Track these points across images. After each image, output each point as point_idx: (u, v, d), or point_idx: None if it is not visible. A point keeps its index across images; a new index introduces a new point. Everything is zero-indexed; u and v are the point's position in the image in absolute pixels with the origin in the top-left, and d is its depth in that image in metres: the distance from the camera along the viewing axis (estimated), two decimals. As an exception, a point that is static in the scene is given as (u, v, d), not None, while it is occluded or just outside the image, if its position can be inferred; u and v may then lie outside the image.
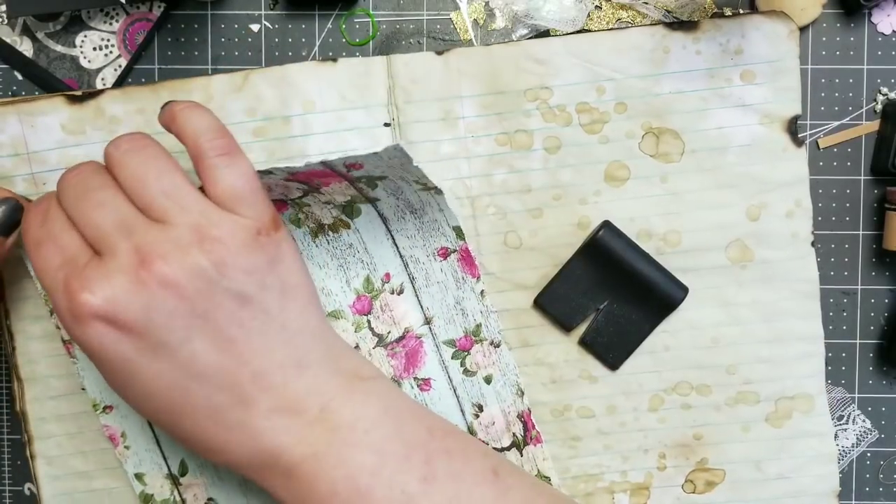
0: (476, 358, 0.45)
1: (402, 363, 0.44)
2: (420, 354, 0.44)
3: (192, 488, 0.44)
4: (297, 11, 0.47)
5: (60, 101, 0.44)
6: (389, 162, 0.39)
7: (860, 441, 0.47)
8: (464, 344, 0.45)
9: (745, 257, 0.45)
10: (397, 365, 0.44)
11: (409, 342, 0.44)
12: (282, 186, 0.41)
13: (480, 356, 0.45)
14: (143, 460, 0.44)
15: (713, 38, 0.45)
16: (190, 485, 0.44)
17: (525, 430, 0.45)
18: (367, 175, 0.40)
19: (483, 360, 0.45)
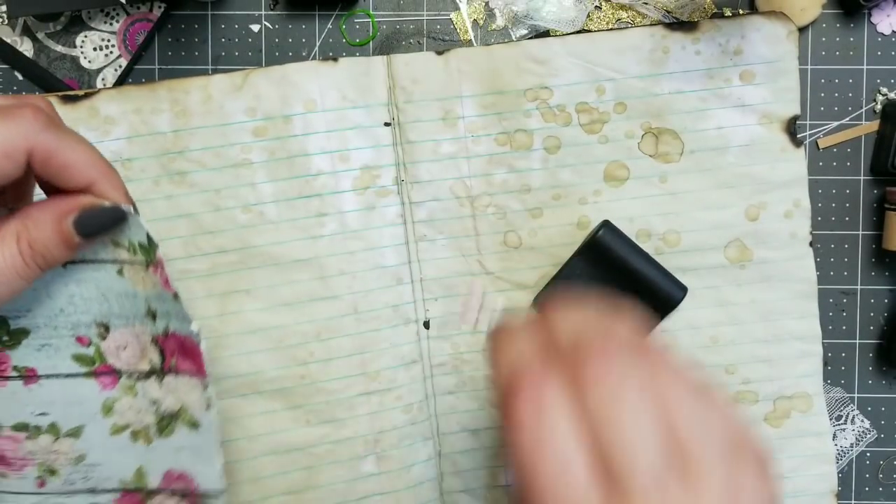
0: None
1: None
2: None
3: None
4: (297, 11, 0.47)
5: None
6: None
7: (859, 441, 0.47)
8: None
9: (743, 257, 0.45)
10: None
11: None
12: (140, 346, 0.35)
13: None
14: None
15: (713, 39, 0.45)
16: None
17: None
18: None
19: None
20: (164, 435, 0.35)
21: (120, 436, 0.36)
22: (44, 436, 0.35)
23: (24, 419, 0.35)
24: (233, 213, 0.44)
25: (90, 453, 0.36)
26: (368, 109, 0.44)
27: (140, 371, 0.35)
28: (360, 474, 0.45)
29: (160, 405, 0.35)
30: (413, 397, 0.45)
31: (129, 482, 0.36)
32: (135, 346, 0.35)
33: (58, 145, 0.29)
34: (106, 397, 0.35)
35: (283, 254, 0.44)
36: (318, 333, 0.44)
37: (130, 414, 0.36)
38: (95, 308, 0.34)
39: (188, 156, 0.44)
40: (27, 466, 0.36)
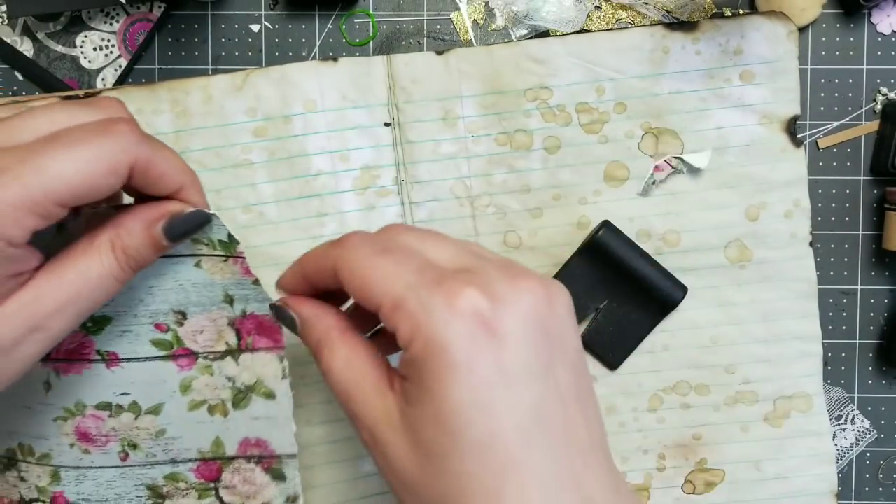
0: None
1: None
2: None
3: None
4: (297, 11, 0.47)
5: (55, 101, 0.44)
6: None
7: (859, 441, 0.47)
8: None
9: (743, 257, 0.45)
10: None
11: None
12: (216, 329, 0.38)
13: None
14: None
15: (713, 39, 0.45)
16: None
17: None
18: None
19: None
20: (240, 407, 0.38)
21: (197, 411, 0.38)
22: (125, 414, 0.38)
23: (107, 399, 0.38)
24: (233, 214, 0.44)
25: (169, 428, 0.38)
26: (368, 109, 0.45)
27: (216, 352, 0.38)
28: (361, 474, 0.45)
29: (236, 381, 0.38)
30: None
31: (208, 452, 0.39)
32: (211, 329, 0.38)
33: (154, 156, 0.31)
34: (183, 377, 0.38)
35: (284, 254, 0.44)
36: (318, 333, 0.44)
37: (207, 391, 0.38)
38: (173, 297, 0.37)
39: (189, 156, 0.44)
40: (110, 442, 0.38)
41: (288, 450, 0.39)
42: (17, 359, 0.30)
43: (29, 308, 0.30)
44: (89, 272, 0.31)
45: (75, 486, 0.39)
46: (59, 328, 0.31)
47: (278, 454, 0.39)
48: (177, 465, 0.39)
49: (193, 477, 0.39)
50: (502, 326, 0.28)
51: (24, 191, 0.28)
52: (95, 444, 0.38)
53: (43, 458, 0.39)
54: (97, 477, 0.39)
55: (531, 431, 0.27)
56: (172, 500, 0.39)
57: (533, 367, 0.28)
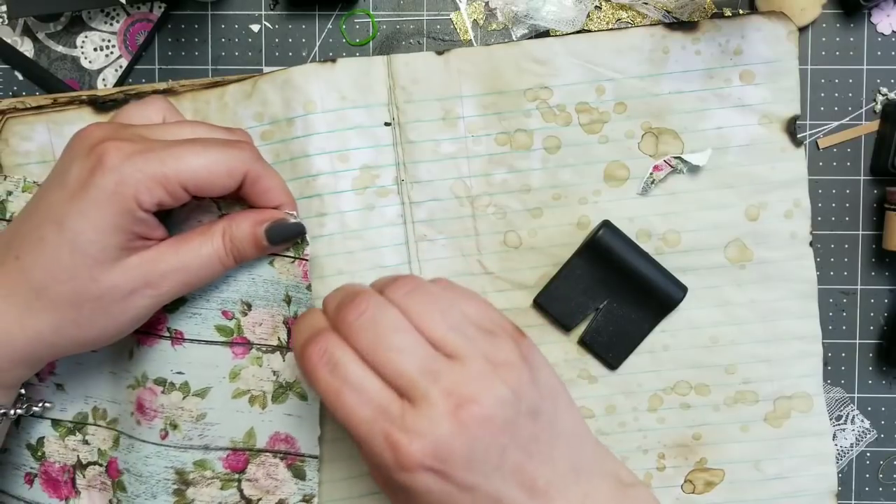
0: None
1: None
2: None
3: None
4: (297, 12, 0.47)
5: (87, 110, 0.44)
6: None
7: (859, 441, 0.47)
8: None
9: (743, 257, 0.45)
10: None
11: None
12: (273, 325, 0.41)
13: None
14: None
15: (713, 39, 0.45)
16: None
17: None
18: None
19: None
20: (278, 402, 0.42)
21: (240, 400, 0.41)
22: (175, 392, 0.41)
23: (164, 375, 0.41)
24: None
25: (210, 413, 0.41)
26: (368, 109, 0.45)
27: (269, 345, 0.41)
28: (360, 473, 0.45)
29: (280, 376, 0.41)
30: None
31: (240, 442, 0.42)
32: (269, 324, 0.41)
33: (264, 172, 0.38)
34: (235, 364, 0.41)
35: (284, 254, 0.44)
36: (318, 333, 0.45)
37: (253, 381, 0.41)
38: (244, 289, 0.41)
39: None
40: (156, 418, 0.41)
41: (312, 451, 0.42)
42: (131, 307, 0.37)
43: (148, 265, 0.37)
44: (201, 249, 0.38)
45: (126, 454, 0.42)
46: (167, 289, 0.37)
47: (303, 453, 0.42)
48: (208, 451, 0.41)
49: (221, 466, 0.41)
50: (447, 465, 0.32)
51: (160, 168, 0.35)
52: (146, 416, 0.41)
53: (112, 421, 0.43)
54: (140, 450, 0.41)
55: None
56: (196, 488, 0.41)
57: (485, 473, 0.33)
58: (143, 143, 0.36)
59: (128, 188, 0.35)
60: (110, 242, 0.35)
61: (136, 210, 0.35)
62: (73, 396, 0.43)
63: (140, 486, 0.41)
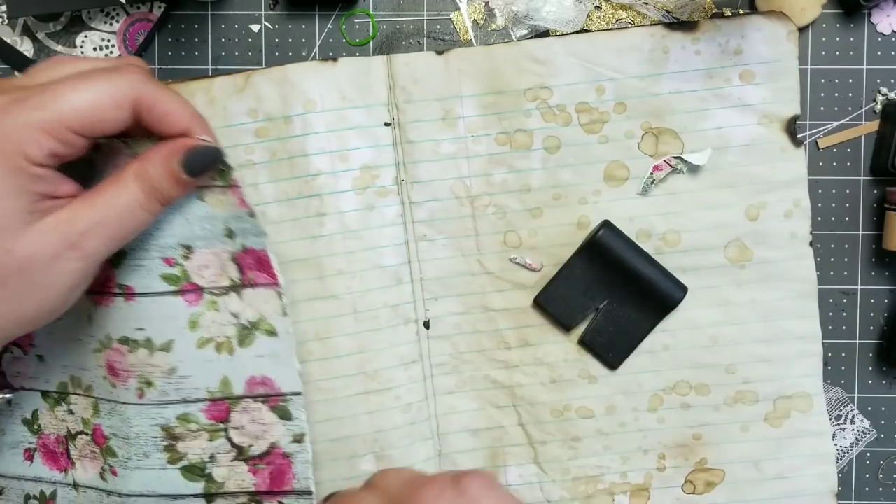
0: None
1: (266, 482, 0.41)
2: (287, 476, 0.41)
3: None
4: (297, 11, 0.47)
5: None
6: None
7: (859, 441, 0.47)
8: None
9: (743, 257, 0.45)
10: (260, 483, 0.41)
11: (274, 460, 0.40)
12: (220, 264, 0.39)
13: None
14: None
15: (713, 39, 0.45)
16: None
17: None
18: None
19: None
20: (245, 345, 0.39)
21: (205, 349, 0.39)
22: (141, 349, 0.39)
23: (127, 333, 0.39)
24: (233, 213, 0.44)
25: (180, 366, 0.39)
26: (368, 109, 0.45)
27: (221, 287, 0.39)
28: (360, 473, 0.45)
29: (240, 317, 0.39)
30: (412, 397, 0.45)
31: (216, 391, 0.40)
32: (215, 264, 0.39)
33: (158, 95, 0.34)
34: (191, 313, 0.39)
35: (283, 253, 0.44)
36: (318, 333, 0.45)
37: (214, 328, 0.39)
38: (179, 231, 0.38)
39: (189, 156, 0.44)
40: (130, 378, 0.40)
41: (293, 387, 0.40)
42: (58, 274, 0.33)
43: (64, 226, 0.33)
44: (117, 198, 0.34)
45: (108, 419, 0.41)
46: (92, 248, 0.34)
47: (283, 392, 0.40)
48: (188, 405, 0.40)
49: (204, 418, 0.40)
50: None
51: (41, 114, 0.32)
52: (119, 377, 0.40)
53: (88, 389, 0.42)
54: (122, 412, 0.41)
55: None
56: (185, 442, 0.40)
57: None
58: (17, 93, 0.33)
59: (11, 144, 0.32)
60: (12, 207, 0.32)
61: (28, 166, 0.32)
62: (53, 367, 0.42)
63: (130, 448, 0.41)
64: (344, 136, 0.44)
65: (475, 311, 0.46)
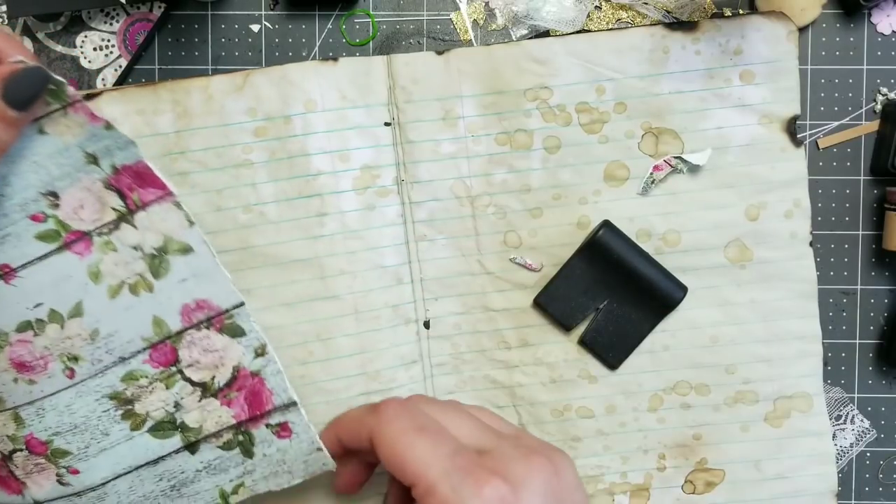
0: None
1: (245, 409, 0.38)
2: (264, 395, 0.38)
3: None
4: (297, 11, 0.47)
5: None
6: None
7: (859, 441, 0.47)
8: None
9: (743, 257, 0.45)
10: (239, 412, 0.38)
11: (244, 383, 0.37)
12: (96, 197, 0.34)
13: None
14: None
15: (713, 39, 0.45)
16: None
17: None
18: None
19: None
20: (161, 276, 0.35)
21: (120, 296, 0.35)
22: (49, 326, 0.35)
23: (23, 317, 0.35)
24: (234, 214, 0.44)
25: (101, 326, 0.35)
26: (368, 109, 0.45)
27: (108, 223, 0.34)
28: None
29: (143, 247, 0.35)
30: (413, 397, 0.45)
31: (152, 336, 0.36)
32: (91, 200, 0.34)
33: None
34: (88, 264, 0.35)
35: (284, 254, 0.44)
36: (318, 333, 0.44)
37: (119, 270, 0.35)
38: (34, 179, 0.33)
39: (190, 156, 0.44)
40: (49, 363, 0.36)
41: (233, 300, 0.36)
42: None
43: None
44: None
45: (39, 422, 0.37)
46: None
47: (224, 308, 0.36)
48: (127, 362, 0.37)
49: (150, 368, 0.37)
50: (521, 496, 0.32)
51: None
52: (35, 370, 0.36)
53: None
54: (54, 406, 0.37)
55: None
56: (141, 402, 0.37)
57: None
58: None
59: None
60: None
61: None
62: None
63: (83, 436, 0.37)
64: (344, 135, 0.44)
65: (475, 311, 0.46)
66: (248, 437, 0.38)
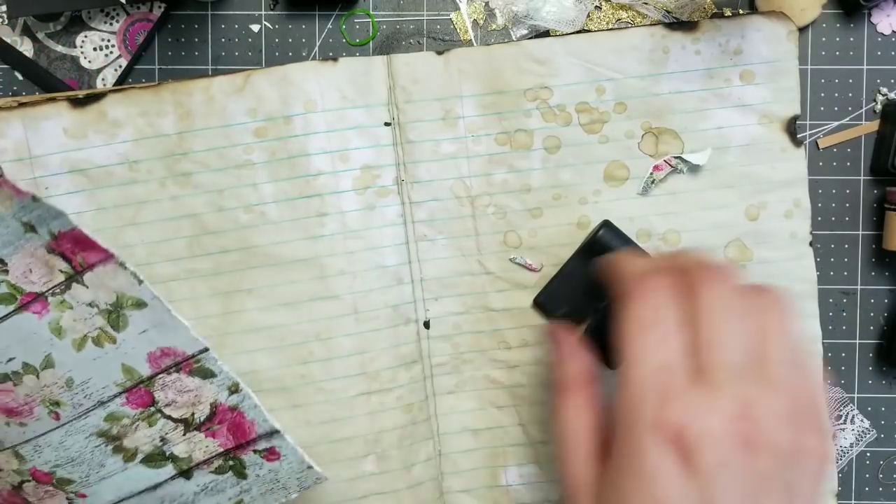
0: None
1: (230, 438, 0.39)
2: (246, 426, 0.38)
3: None
4: (297, 11, 0.47)
5: (64, 105, 0.44)
6: None
7: (859, 441, 0.47)
8: None
9: (743, 257, 0.45)
10: (224, 441, 0.39)
11: (224, 416, 0.38)
12: (42, 262, 0.35)
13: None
14: None
15: (713, 39, 0.45)
16: None
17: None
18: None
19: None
20: (121, 328, 0.36)
21: (85, 349, 0.36)
22: (26, 376, 0.37)
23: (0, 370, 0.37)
24: (235, 214, 0.44)
25: (74, 374, 0.37)
26: (368, 109, 0.45)
27: (58, 284, 0.35)
28: (361, 473, 0.45)
29: (98, 304, 0.36)
30: (413, 397, 0.45)
31: (124, 381, 0.37)
32: (38, 264, 0.35)
33: None
34: (48, 321, 0.36)
35: (284, 253, 0.44)
36: (318, 333, 0.45)
37: (80, 325, 0.36)
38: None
39: (192, 157, 0.44)
40: (35, 408, 0.37)
41: (196, 347, 0.37)
42: None
43: None
44: None
45: (38, 457, 0.39)
46: None
47: (190, 354, 0.37)
48: (106, 405, 0.38)
49: (130, 409, 0.38)
50: (704, 460, 0.29)
51: None
52: (22, 415, 0.38)
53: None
54: (49, 443, 0.38)
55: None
56: (128, 438, 0.38)
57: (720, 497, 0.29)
58: None
59: None
60: None
61: None
62: None
63: (82, 467, 0.39)
64: (344, 135, 0.44)
65: (475, 311, 0.46)
66: (239, 462, 0.39)
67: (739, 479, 0.29)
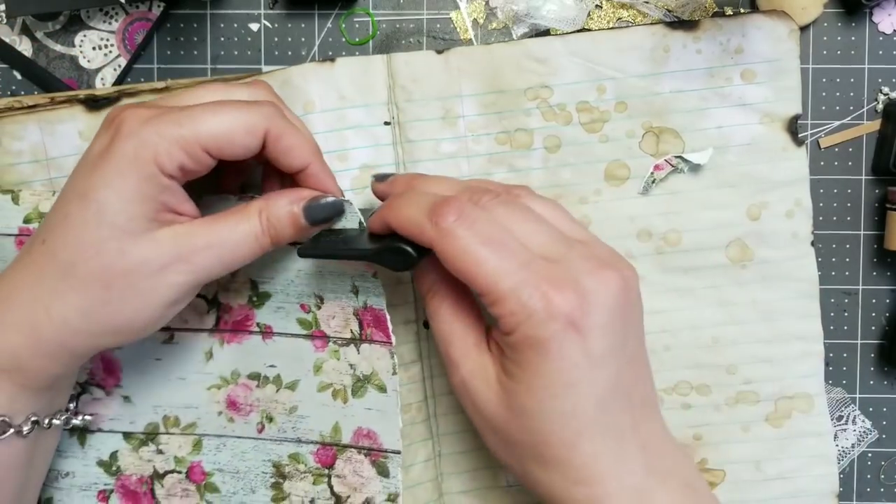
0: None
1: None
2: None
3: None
4: (296, 11, 0.47)
5: (79, 108, 0.44)
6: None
7: (860, 441, 0.47)
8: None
9: (745, 257, 0.45)
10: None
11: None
12: (345, 317, 0.42)
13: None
14: None
15: (714, 38, 0.45)
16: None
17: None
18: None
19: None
20: (357, 396, 0.42)
21: (324, 393, 0.42)
22: (269, 385, 0.42)
23: (258, 369, 0.42)
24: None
25: (301, 406, 0.42)
26: (368, 108, 0.44)
27: (344, 338, 0.42)
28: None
29: (356, 369, 0.42)
30: (412, 397, 0.45)
31: (327, 436, 0.42)
32: (341, 316, 0.41)
33: (286, 129, 0.37)
34: (317, 357, 0.42)
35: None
36: (318, 333, 0.44)
37: (334, 374, 0.42)
38: (314, 282, 0.41)
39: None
40: (252, 412, 0.43)
41: (394, 445, 0.42)
42: (163, 284, 0.35)
43: (181, 239, 0.35)
44: (238, 226, 0.37)
45: (214, 454, 0.43)
46: (201, 265, 0.36)
47: (385, 448, 0.42)
48: (301, 444, 0.43)
49: (312, 460, 0.42)
50: (589, 321, 0.33)
51: (178, 130, 0.35)
52: (240, 412, 0.43)
53: (188, 427, 0.43)
54: (235, 447, 0.43)
55: (606, 400, 0.34)
56: (291, 482, 0.43)
57: (612, 349, 0.34)
58: (160, 109, 0.35)
59: (147, 151, 0.34)
60: (137, 212, 0.34)
61: (159, 175, 0.34)
62: (142, 408, 0.43)
63: (237, 483, 0.43)
64: (343, 135, 0.44)
65: (475, 311, 0.46)
66: None
67: (617, 315, 0.34)
